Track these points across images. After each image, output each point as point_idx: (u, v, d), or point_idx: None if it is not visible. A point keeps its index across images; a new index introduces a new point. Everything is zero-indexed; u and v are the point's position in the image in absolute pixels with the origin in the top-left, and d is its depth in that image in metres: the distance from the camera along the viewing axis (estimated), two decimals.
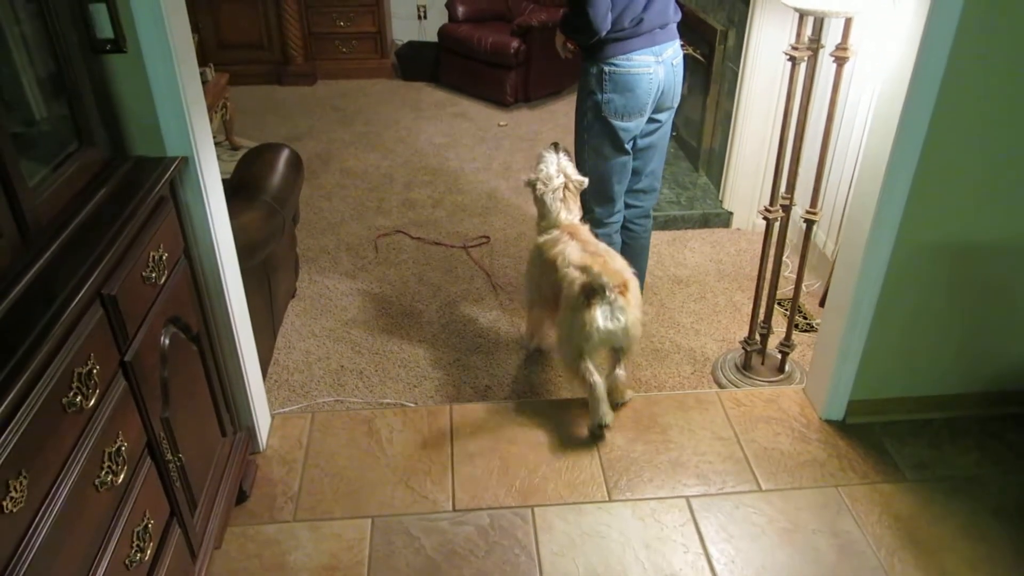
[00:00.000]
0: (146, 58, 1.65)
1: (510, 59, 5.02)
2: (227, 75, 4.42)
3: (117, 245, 1.39)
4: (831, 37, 2.43)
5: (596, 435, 2.34)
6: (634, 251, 2.81)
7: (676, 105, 2.61)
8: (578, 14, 2.29)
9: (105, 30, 1.61)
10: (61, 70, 1.48)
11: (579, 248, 2.32)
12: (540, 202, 2.50)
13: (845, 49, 2.13)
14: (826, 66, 2.54)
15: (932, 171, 1.95)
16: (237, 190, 2.54)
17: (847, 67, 2.22)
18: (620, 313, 2.19)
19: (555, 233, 2.45)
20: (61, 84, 1.49)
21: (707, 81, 3.75)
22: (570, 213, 2.49)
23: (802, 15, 2.14)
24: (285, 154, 2.81)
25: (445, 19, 5.54)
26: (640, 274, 2.74)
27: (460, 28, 5.33)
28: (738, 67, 3.42)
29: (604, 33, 2.31)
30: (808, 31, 2.18)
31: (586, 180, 2.50)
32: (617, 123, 2.47)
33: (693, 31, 3.99)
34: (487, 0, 5.59)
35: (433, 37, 5.70)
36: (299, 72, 5.62)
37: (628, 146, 2.55)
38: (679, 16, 2.49)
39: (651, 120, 2.56)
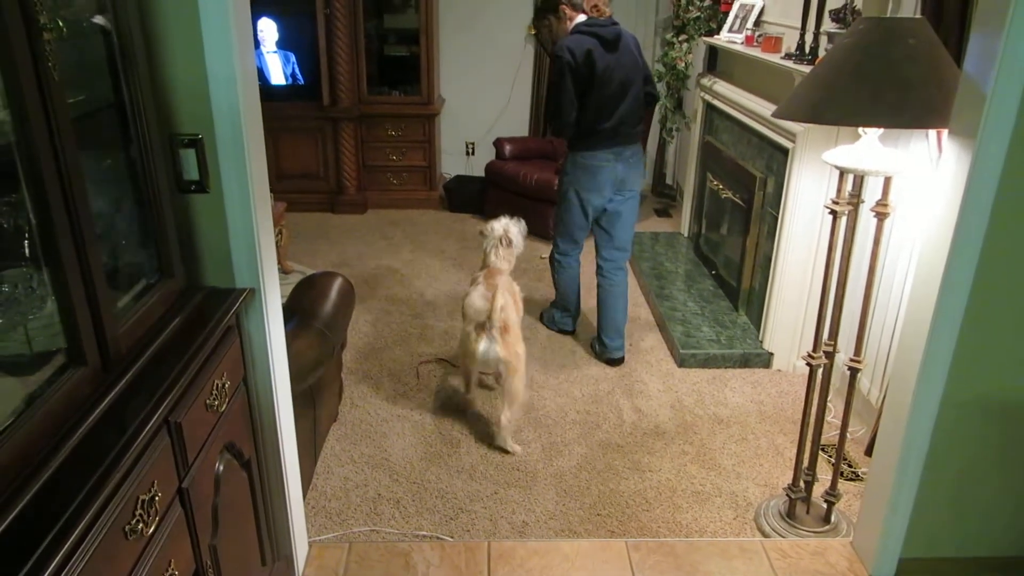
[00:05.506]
0: (226, 198, 1.77)
1: (554, 195, 5.19)
2: (285, 204, 4.66)
3: (187, 375, 1.46)
4: (871, 191, 2.52)
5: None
6: (613, 296, 3.69)
7: (636, 189, 3.62)
8: (553, 120, 3.49)
9: (191, 172, 1.75)
10: (150, 208, 1.60)
11: (482, 291, 3.06)
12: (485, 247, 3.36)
13: (885, 205, 2.21)
14: (866, 218, 2.62)
15: (978, 329, 1.97)
16: (291, 315, 2.63)
17: (888, 220, 2.28)
18: (496, 346, 2.91)
19: (482, 273, 3.27)
20: (149, 220, 1.61)
21: (747, 224, 3.85)
22: (499, 259, 3.30)
23: (842, 172, 2.23)
24: (338, 282, 2.93)
25: (492, 156, 5.83)
26: (621, 316, 3.72)
27: (506, 165, 5.59)
28: (777, 212, 3.53)
29: (566, 136, 3.48)
30: (848, 187, 2.26)
31: (519, 245, 3.37)
32: (581, 194, 3.55)
33: (732, 176, 4.15)
34: (533, 141, 5.89)
35: (480, 172, 5.97)
36: (351, 201, 5.89)
37: (588, 210, 3.58)
38: (639, 127, 3.59)
39: (615, 197, 3.56)
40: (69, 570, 1.05)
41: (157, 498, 1.31)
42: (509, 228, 3.34)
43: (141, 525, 1.25)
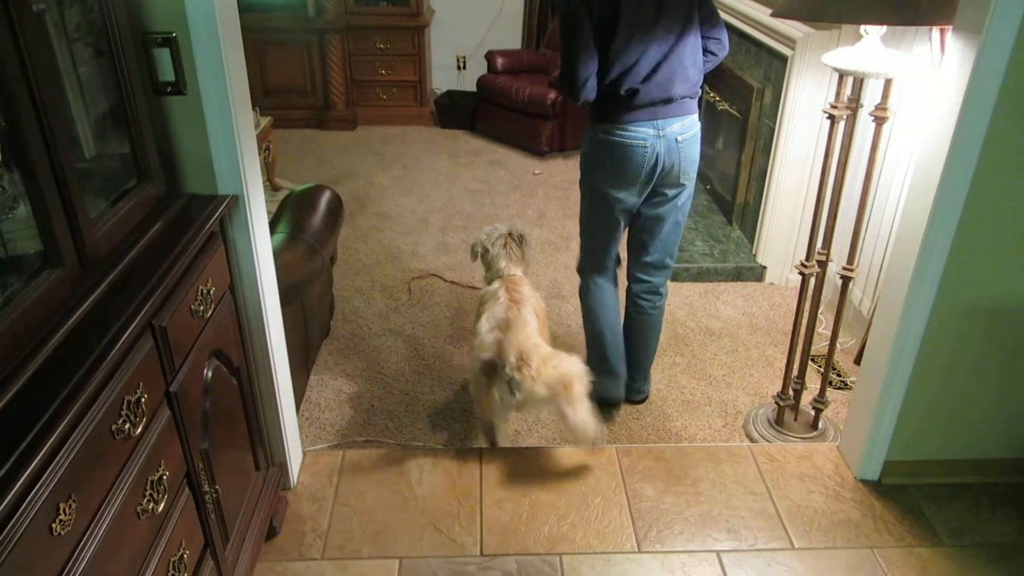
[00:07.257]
0: (204, 101, 1.72)
1: (547, 110, 5.12)
2: (271, 119, 4.55)
3: (169, 278, 1.44)
4: (870, 96, 2.46)
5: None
6: (640, 327, 2.64)
7: (688, 183, 2.46)
8: (562, 78, 2.31)
9: (167, 73, 1.69)
10: (124, 110, 1.55)
11: (495, 315, 2.33)
12: (485, 256, 2.62)
13: (884, 109, 2.16)
14: (864, 124, 2.57)
15: (973, 234, 1.95)
16: (279, 229, 2.60)
17: (886, 125, 2.23)
18: (517, 389, 2.18)
19: (495, 285, 2.50)
20: (124, 123, 1.56)
21: (743, 136, 3.78)
22: (512, 264, 2.58)
23: (841, 75, 2.17)
24: (327, 196, 2.89)
25: (484, 70, 5.68)
26: (650, 354, 2.73)
27: (498, 79, 5.45)
28: (774, 124, 3.46)
29: (584, 101, 2.28)
30: (848, 91, 2.20)
31: (526, 234, 2.65)
32: (606, 189, 2.39)
33: (729, 87, 4.05)
34: (526, 53, 5.73)
35: (472, 87, 5.83)
36: (340, 117, 5.77)
37: (618, 212, 2.44)
38: (694, 92, 2.40)
39: (657, 193, 2.42)
40: (55, 466, 1.05)
41: (144, 399, 1.30)
42: (512, 224, 2.67)
43: (128, 425, 1.25)
